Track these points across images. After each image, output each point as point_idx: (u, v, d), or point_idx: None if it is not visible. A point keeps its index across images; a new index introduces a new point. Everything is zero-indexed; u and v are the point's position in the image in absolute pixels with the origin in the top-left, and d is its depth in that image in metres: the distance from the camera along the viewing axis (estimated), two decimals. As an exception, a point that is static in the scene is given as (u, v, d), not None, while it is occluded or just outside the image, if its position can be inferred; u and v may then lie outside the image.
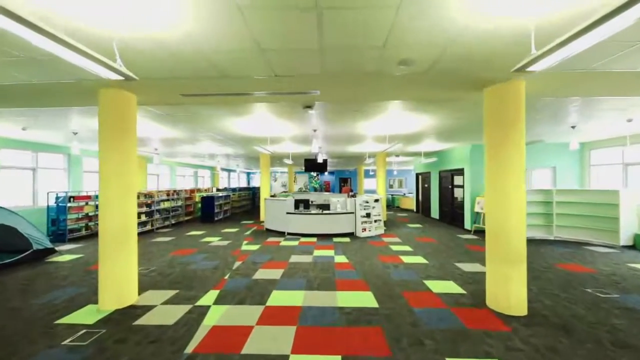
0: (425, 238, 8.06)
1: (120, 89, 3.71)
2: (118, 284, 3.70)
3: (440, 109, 4.92)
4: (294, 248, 6.92)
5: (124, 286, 3.75)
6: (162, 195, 10.37)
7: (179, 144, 8.73)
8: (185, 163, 16.16)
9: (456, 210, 10.17)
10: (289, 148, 9.62)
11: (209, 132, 6.78)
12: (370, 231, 8.46)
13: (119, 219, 3.69)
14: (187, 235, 8.76)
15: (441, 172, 11.24)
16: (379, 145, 9.14)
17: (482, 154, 8.93)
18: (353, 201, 8.59)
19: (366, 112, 5.05)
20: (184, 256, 6.18)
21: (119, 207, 3.70)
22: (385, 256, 6.10)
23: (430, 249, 6.71)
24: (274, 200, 9.24)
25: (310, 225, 8.42)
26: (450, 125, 6.18)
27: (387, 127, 6.27)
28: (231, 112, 5.04)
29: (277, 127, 6.23)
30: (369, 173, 23.84)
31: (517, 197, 3.41)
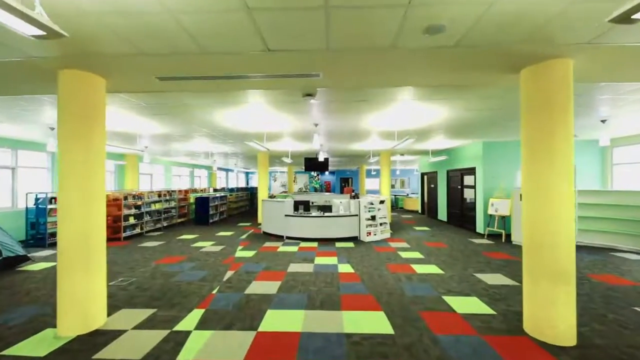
0: (435, 243, 7.42)
1: (86, 70, 3.09)
2: (81, 304, 3.07)
3: (458, 98, 4.29)
4: (293, 255, 6.29)
5: (88, 307, 3.12)
6: (153, 196, 9.74)
7: (171, 141, 8.11)
8: (181, 162, 15.54)
9: (466, 212, 9.54)
10: (288, 146, 8.99)
11: (200, 127, 6.15)
12: (375, 235, 7.83)
13: (82, 227, 3.06)
14: (177, 239, 8.13)
15: (449, 171, 10.61)
16: (384, 143, 8.51)
17: (495, 151, 8.30)
18: (357, 203, 7.96)
19: (373, 102, 4.42)
20: (170, 265, 5.56)
21: (82, 213, 3.07)
22: (395, 265, 5.48)
23: (444, 256, 6.08)
24: (272, 201, 8.61)
25: (310, 228, 7.80)
26: (466, 119, 5.55)
27: (395, 121, 5.63)
28: (222, 102, 4.42)
29: (275, 121, 5.60)
30: (370, 173, 23.22)
31: (565, 200, 2.78)
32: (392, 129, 6.28)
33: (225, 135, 7.02)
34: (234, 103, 4.46)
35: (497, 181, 8.29)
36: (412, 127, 6.11)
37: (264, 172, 11.36)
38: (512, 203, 7.46)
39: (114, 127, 6.07)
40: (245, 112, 4.97)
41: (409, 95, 4.10)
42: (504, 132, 6.94)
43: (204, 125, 5.96)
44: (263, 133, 6.68)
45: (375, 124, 5.85)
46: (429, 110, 4.86)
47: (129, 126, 5.98)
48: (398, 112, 4.96)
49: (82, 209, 3.07)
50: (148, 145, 8.84)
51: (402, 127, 6.10)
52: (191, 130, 6.51)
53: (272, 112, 4.98)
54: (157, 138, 7.54)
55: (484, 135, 7.37)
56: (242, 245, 7.31)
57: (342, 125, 6.08)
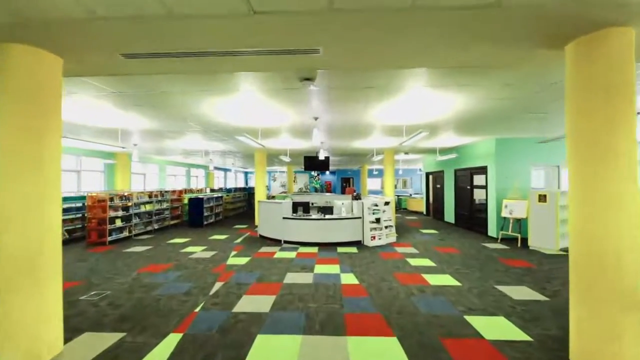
0: (445, 248, 6.84)
1: (36, 46, 2.52)
2: (28, 331, 2.50)
3: (477, 84, 3.71)
4: (290, 262, 5.71)
5: (38, 333, 2.55)
6: (143, 197, 9.17)
7: (161, 138, 7.53)
8: (176, 162, 14.98)
9: (476, 214, 8.95)
10: (286, 143, 8.42)
11: (186, 121, 5.57)
12: (380, 239, 7.25)
13: (29, 237, 2.49)
14: (167, 243, 7.56)
15: (457, 170, 10.02)
16: (389, 140, 7.93)
17: (509, 149, 7.71)
18: (360, 204, 7.38)
19: (380, 89, 3.84)
20: (154, 275, 4.99)
21: (30, 220, 2.49)
22: (404, 274, 4.90)
23: (457, 264, 5.50)
24: (269, 203, 8.04)
25: (310, 232, 7.22)
26: (482, 111, 4.96)
27: (403, 113, 5.05)
28: (207, 90, 3.84)
29: (270, 114, 5.02)
30: (372, 172, 22.64)
31: (630, 203, 2.20)
32: (399, 123, 5.69)
33: (217, 130, 6.45)
34: (222, 91, 3.88)
35: (511, 181, 7.71)
36: (422, 121, 5.53)
37: (261, 171, 10.79)
38: (529, 205, 6.88)
39: (89, 121, 5.50)
40: (236, 103, 4.39)
41: (421, 80, 3.52)
42: (521, 127, 6.35)
43: (191, 119, 5.38)
44: (257, 129, 6.09)
45: (381, 117, 5.26)
46: (443, 100, 4.27)
47: (107, 120, 5.41)
48: (407, 102, 4.38)
49: (30, 216, 2.50)
50: (137, 142, 8.28)
51: (410, 121, 5.52)
52: (179, 126, 5.94)
53: (267, 103, 4.41)
54: (144, 135, 6.97)
55: (498, 131, 6.78)
56: (236, 250, 6.74)
57: (345, 120, 5.50)
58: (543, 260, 5.81)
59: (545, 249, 6.61)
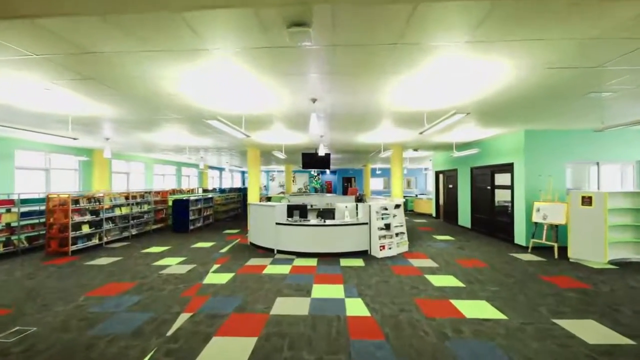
0: (469, 260, 5.73)
1: None
2: None
3: (540, 39, 2.60)
4: (282, 280, 4.61)
5: None
6: (119, 199, 8.08)
7: (127, 129, 6.43)
8: (165, 160, 13.89)
9: (498, 218, 7.84)
10: (280, 136, 7.32)
11: (144, 103, 4.45)
12: (390, 249, 6.14)
13: None
14: (141, 253, 6.46)
15: (474, 169, 8.91)
16: (401, 133, 6.82)
17: (541, 142, 6.60)
18: (366, 207, 6.28)
19: (403, 52, 2.73)
20: (106, 299, 3.89)
21: None
22: (429, 301, 3.79)
23: (490, 283, 4.39)
24: (260, 206, 6.93)
25: (308, 240, 6.12)
26: (528, 87, 3.80)
27: (426, 93, 3.93)
28: (164, 52, 2.74)
29: (255, 93, 3.91)
30: (375, 172, 21.53)
31: None
32: (419, 107, 4.57)
33: (190, 118, 5.35)
34: (183, 53, 2.78)
35: (543, 180, 6.60)
36: (447, 105, 4.41)
37: (254, 170, 9.68)
38: (569, 208, 5.77)
39: (26, 104, 4.38)
40: (205, 76, 3.29)
41: (462, 30, 2.42)
42: (564, 115, 5.23)
43: (152, 100, 4.26)
44: (241, 115, 4.97)
45: (397, 98, 4.14)
46: (480, 71, 3.15)
47: (48, 103, 4.29)
48: (434, 75, 3.26)
49: None
50: (109, 136, 7.19)
51: (433, 104, 4.39)
52: (139, 111, 4.83)
53: (247, 76, 3.30)
54: (102, 123, 5.87)
55: (531, 120, 5.67)
56: (219, 263, 5.63)
57: (351, 104, 4.39)
58: (594, 276, 4.70)
59: (590, 261, 5.50)
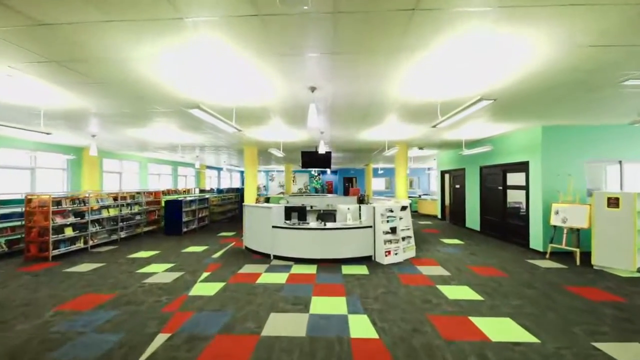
0: (484, 268, 5.23)
1: None
2: None
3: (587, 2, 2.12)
4: (278, 291, 4.13)
5: None
6: (106, 200, 7.61)
7: (111, 125, 5.96)
8: (160, 159, 13.43)
9: (511, 220, 7.34)
10: (277, 132, 6.84)
11: (119, 94, 3.97)
12: (397, 254, 5.65)
13: None
14: (126, 259, 5.99)
15: (484, 168, 8.41)
16: (408, 129, 6.33)
17: (560, 139, 6.10)
18: (370, 209, 5.79)
19: (418, 27, 2.25)
20: (77, 315, 3.41)
21: None
22: (444, 318, 3.30)
23: (512, 296, 3.90)
24: (255, 207, 6.45)
25: (307, 245, 5.63)
26: (558, 71, 3.31)
27: (443, 79, 3.44)
28: (131, 26, 2.26)
29: (246, 80, 3.43)
30: (376, 172, 21.03)
31: None
32: (431, 96, 4.05)
33: (178, 113, 4.88)
34: (152, 24, 2.30)
35: (562, 180, 6.10)
36: (464, 93, 3.92)
37: (252, 169, 9.20)
38: (593, 210, 5.27)
39: (1, 96, 3.92)
40: (185, 53, 2.80)
41: None
42: (590, 106, 4.74)
43: (128, 89, 3.76)
44: (231, 108, 4.48)
45: (408, 85, 3.65)
46: (513, 46, 2.66)
47: (10, 92, 3.82)
48: (456, 52, 2.78)
49: None
50: (95, 133, 6.72)
51: (449, 93, 3.90)
52: (121, 102, 4.36)
53: (233, 54, 2.82)
54: (87, 119, 5.40)
55: (540, 116, 5.18)
56: (209, 270, 5.15)
57: (354, 94, 3.90)
58: (626, 287, 4.20)
59: (617, 269, 5.00)
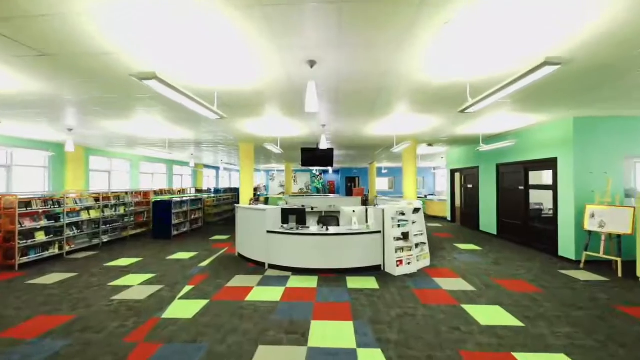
0: (511, 281, 4.49)
1: None
2: None
3: None
4: (270, 313, 3.41)
5: None
6: (86, 201, 6.92)
7: (87, 116, 5.27)
8: (154, 157, 12.75)
9: (534, 224, 6.59)
10: (276, 127, 6.12)
11: (73, 70, 3.27)
12: (409, 264, 4.92)
13: None
14: (103, 267, 5.29)
15: (501, 166, 7.65)
16: (418, 120, 5.60)
17: (594, 132, 5.35)
18: (379, 212, 5.06)
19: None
20: (16, 346, 2.71)
21: None
22: (479, 353, 2.57)
23: (555, 319, 3.16)
24: (249, 209, 5.74)
25: (307, 253, 4.92)
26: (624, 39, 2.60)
27: (477, 47, 2.71)
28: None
29: (228, 50, 2.71)
30: (380, 171, 20.29)
31: None
32: (459, 73, 3.30)
33: (157, 99, 4.18)
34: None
35: (598, 179, 5.35)
36: (498, 69, 3.20)
37: (248, 167, 8.49)
38: (637, 214, 4.52)
39: None
40: (148, 11, 2.10)
41: None
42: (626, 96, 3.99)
43: (82, 63, 3.09)
44: (212, 90, 3.75)
45: (430, 58, 2.92)
46: (568, 7, 1.94)
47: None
48: (496, 14, 2.05)
49: None
50: (72, 126, 6.04)
51: (483, 68, 3.17)
52: (78, 82, 3.66)
53: (209, 11, 2.11)
54: (53, 108, 4.72)
55: (572, 104, 4.44)
56: (193, 283, 4.44)
57: (362, 71, 3.18)
58: (692, 309, 3.45)
59: (671, 283, 4.25)
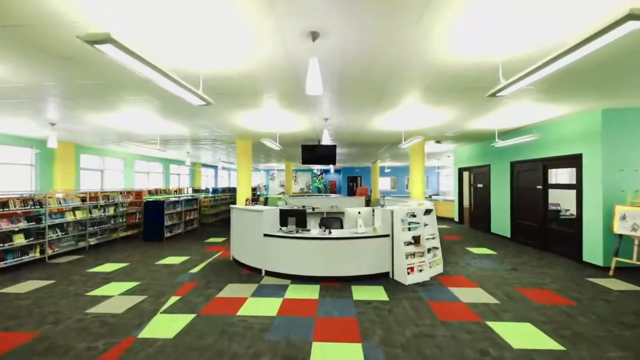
0: (536, 291, 4.00)
1: None
2: None
3: None
4: (265, 331, 2.93)
5: None
6: (72, 201, 6.47)
7: (68, 108, 4.82)
8: (149, 156, 12.31)
9: (553, 226, 6.10)
10: (274, 121, 5.65)
11: (30, 46, 2.82)
12: (421, 271, 4.44)
13: None
14: (84, 274, 4.84)
15: (517, 163, 7.16)
16: (429, 113, 5.12)
17: (625, 125, 4.85)
18: (387, 214, 4.58)
19: None
20: (-48, 378, 2.26)
21: None
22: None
23: (599, 339, 2.68)
24: (244, 210, 5.27)
25: (307, 258, 4.44)
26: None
27: (518, 13, 2.23)
28: None
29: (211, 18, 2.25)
30: (383, 171, 19.79)
31: None
32: (491, 49, 2.80)
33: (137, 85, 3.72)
34: None
35: (630, 177, 4.85)
36: (535, 43, 2.72)
37: (245, 165, 8.03)
38: (680, 216, 4.03)
39: None
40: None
41: None
42: None
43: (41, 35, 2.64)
44: (197, 73, 3.29)
45: (457, 29, 2.45)
46: None
47: None
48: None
49: None
50: (54, 120, 5.59)
51: (521, 44, 2.70)
52: (43, 62, 3.20)
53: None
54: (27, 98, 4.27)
55: (617, 92, 3.96)
56: (180, 293, 3.97)
57: (374, 45, 2.71)
58: None
59: None
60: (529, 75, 2.43)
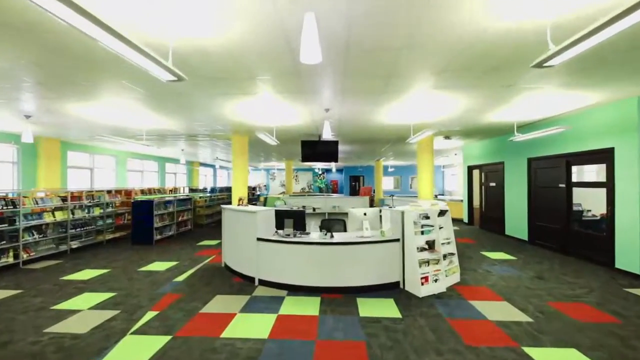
0: (571, 305, 3.45)
1: None
2: None
3: None
4: (254, 358, 2.40)
5: None
6: (50, 201, 5.97)
7: (43, 97, 4.31)
8: (143, 154, 11.81)
9: (578, 229, 5.54)
10: (270, 113, 5.11)
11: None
12: (436, 281, 3.89)
13: None
14: (57, 282, 4.32)
15: (534, 160, 6.60)
16: (446, 102, 4.57)
17: (665, 116, 4.29)
18: (398, 215, 4.04)
19: None
20: None
21: None
22: None
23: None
24: (235, 211, 4.74)
25: (306, 266, 3.91)
26: None
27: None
28: None
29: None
30: (386, 170, 19.23)
31: None
32: (537, 13, 2.29)
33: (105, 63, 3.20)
34: None
35: (671, 173, 4.29)
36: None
37: (241, 163, 7.50)
38: None
39: None
40: None
41: None
42: None
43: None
44: (166, 43, 2.76)
45: None
46: None
47: None
48: None
49: None
50: (31, 114, 5.08)
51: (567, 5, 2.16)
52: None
53: None
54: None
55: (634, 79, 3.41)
56: (161, 307, 3.44)
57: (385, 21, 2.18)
58: None
59: None
60: (589, 37, 1.88)
